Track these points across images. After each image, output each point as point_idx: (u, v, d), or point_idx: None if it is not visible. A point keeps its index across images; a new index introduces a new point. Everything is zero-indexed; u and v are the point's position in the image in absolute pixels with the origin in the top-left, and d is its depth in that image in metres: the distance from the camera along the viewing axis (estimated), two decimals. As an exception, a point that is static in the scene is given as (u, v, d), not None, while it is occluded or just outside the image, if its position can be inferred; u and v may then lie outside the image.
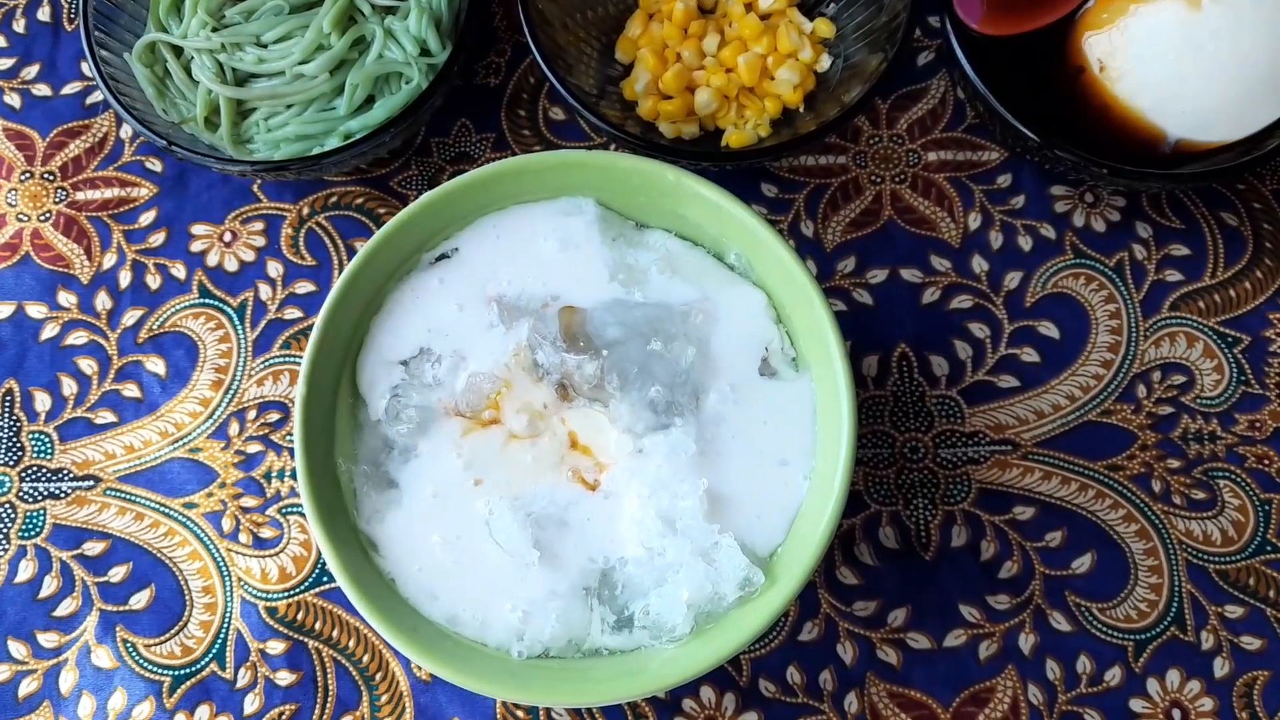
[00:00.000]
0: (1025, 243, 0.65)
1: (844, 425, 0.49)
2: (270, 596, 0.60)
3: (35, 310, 0.66)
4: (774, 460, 0.51)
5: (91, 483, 0.63)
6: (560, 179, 0.54)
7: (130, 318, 0.65)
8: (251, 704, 0.59)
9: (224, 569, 0.61)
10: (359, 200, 0.67)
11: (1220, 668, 0.58)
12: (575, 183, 0.55)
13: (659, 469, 0.50)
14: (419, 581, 0.51)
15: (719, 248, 0.55)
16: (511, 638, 0.50)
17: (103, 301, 0.66)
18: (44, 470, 0.63)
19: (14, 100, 0.70)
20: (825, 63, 0.66)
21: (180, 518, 0.62)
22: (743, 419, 0.52)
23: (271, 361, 0.64)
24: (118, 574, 0.61)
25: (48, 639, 0.60)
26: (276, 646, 0.59)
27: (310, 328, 0.53)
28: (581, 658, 0.50)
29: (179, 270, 0.66)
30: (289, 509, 0.62)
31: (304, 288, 0.66)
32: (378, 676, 0.59)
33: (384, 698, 0.59)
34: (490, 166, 0.53)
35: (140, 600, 0.61)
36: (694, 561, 0.49)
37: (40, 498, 0.63)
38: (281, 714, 0.59)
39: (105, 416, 0.64)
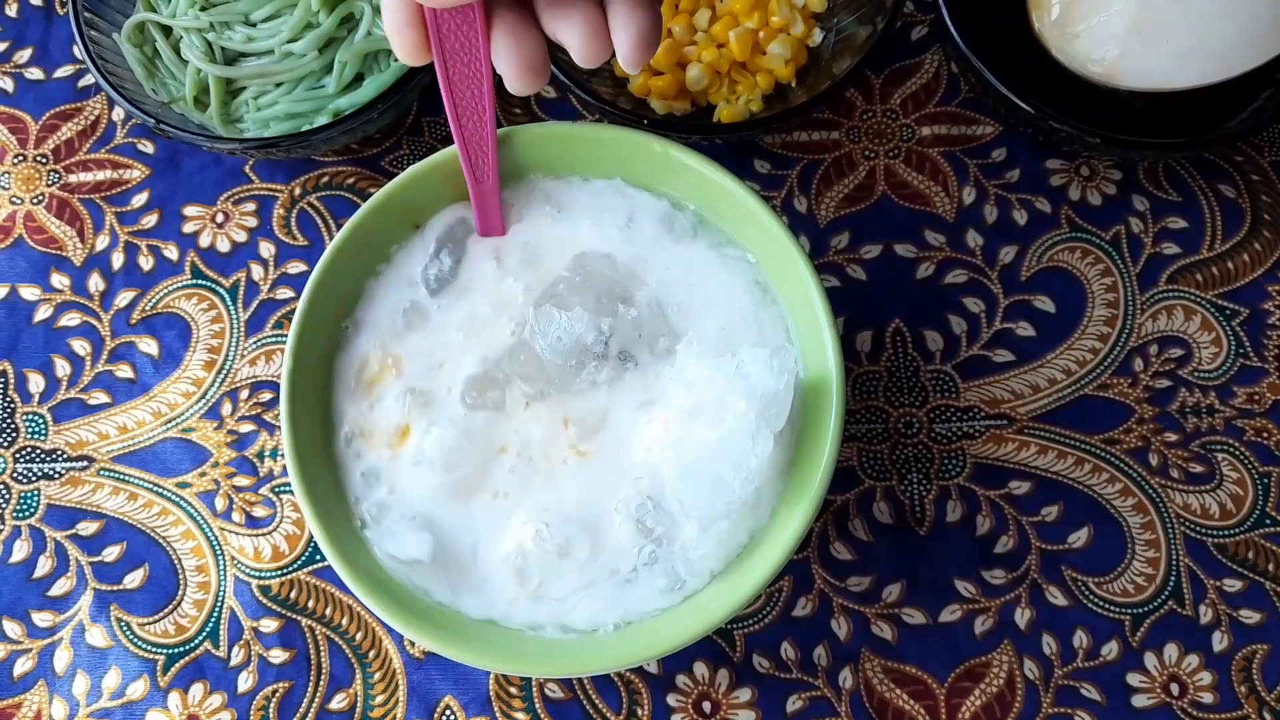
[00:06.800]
0: (1020, 217, 0.64)
1: (833, 398, 0.49)
2: (263, 575, 0.60)
3: (28, 292, 0.66)
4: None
5: (85, 463, 0.63)
6: (545, 152, 0.54)
7: (123, 299, 0.65)
8: (245, 682, 0.59)
9: (217, 548, 0.61)
10: (350, 180, 0.67)
11: (1219, 642, 0.57)
12: (561, 157, 0.54)
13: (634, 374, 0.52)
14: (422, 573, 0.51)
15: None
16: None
17: (95, 283, 0.66)
18: (38, 451, 0.63)
19: (6, 84, 0.70)
20: (817, 37, 0.65)
21: (173, 497, 0.62)
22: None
23: (264, 341, 0.64)
24: (111, 554, 0.61)
25: (42, 618, 0.60)
26: (270, 625, 0.59)
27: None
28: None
29: (171, 251, 0.66)
30: (282, 488, 0.62)
31: (296, 268, 0.65)
32: (371, 654, 0.59)
33: (377, 675, 0.58)
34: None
35: (134, 580, 0.61)
36: (730, 394, 0.47)
37: (34, 478, 0.63)
38: (275, 692, 0.58)
39: (99, 397, 0.64)
